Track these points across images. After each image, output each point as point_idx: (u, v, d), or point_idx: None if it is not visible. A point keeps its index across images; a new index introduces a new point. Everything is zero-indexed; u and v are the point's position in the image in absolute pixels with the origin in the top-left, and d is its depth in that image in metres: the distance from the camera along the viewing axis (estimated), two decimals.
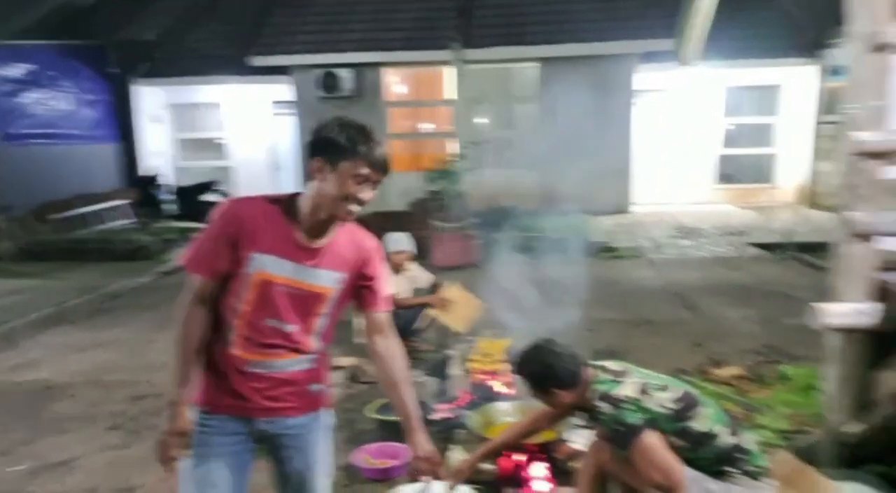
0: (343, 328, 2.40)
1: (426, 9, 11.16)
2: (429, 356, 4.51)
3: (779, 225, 8.70)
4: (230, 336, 1.70)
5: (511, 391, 3.63)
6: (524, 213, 8.94)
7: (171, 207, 11.38)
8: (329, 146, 1.61)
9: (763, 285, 6.60)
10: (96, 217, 10.03)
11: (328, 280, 1.73)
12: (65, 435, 3.65)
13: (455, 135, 10.99)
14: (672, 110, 11.82)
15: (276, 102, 12.00)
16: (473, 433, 3.09)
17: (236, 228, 1.65)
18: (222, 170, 12.44)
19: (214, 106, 12.41)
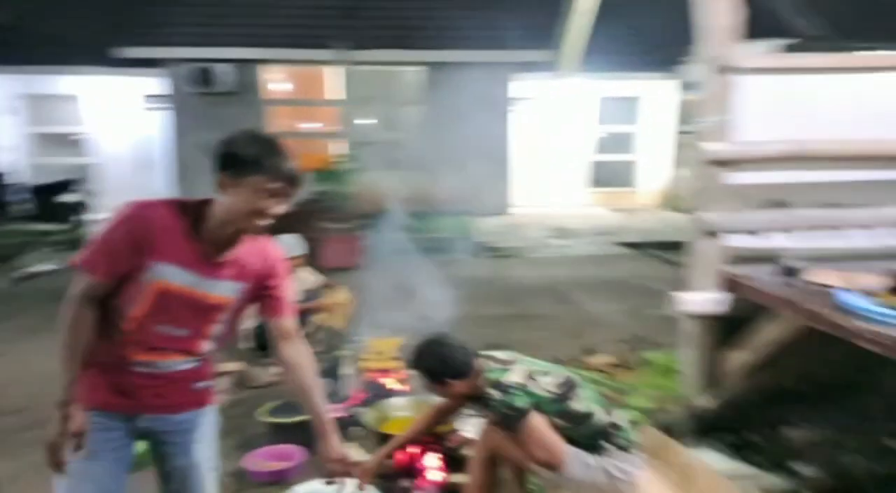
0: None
1: (311, 6, 10.98)
2: (319, 358, 4.49)
3: (643, 226, 9.50)
4: (117, 337, 1.66)
5: (404, 388, 3.72)
6: (410, 214, 9.08)
7: (25, 207, 10.34)
8: (237, 160, 1.58)
9: (629, 280, 7.18)
10: None
11: (227, 290, 1.72)
12: None
13: (342, 135, 10.92)
14: (549, 118, 12.49)
15: (150, 97, 11.28)
16: (369, 430, 3.15)
17: (141, 234, 1.60)
18: (83, 167, 11.48)
19: (74, 98, 11.43)
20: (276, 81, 11.23)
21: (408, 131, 11.38)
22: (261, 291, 1.80)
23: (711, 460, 2.65)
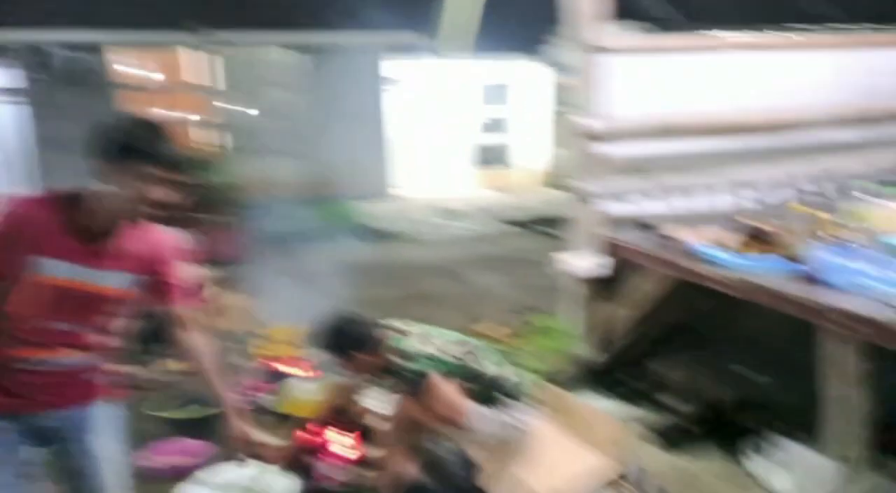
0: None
1: None
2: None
3: (526, 204, 9.95)
4: (4, 336, 1.58)
5: (308, 373, 3.73)
6: (292, 202, 8.91)
7: None
8: (120, 147, 1.52)
9: (516, 255, 7.54)
10: None
11: (117, 281, 1.67)
12: None
13: (215, 123, 10.43)
14: (430, 100, 12.66)
15: None
16: (275, 414, 3.14)
17: (17, 232, 1.52)
18: None
19: None
20: (130, 65, 10.45)
21: (286, 117, 11.07)
22: (154, 279, 1.76)
23: (600, 405, 2.92)
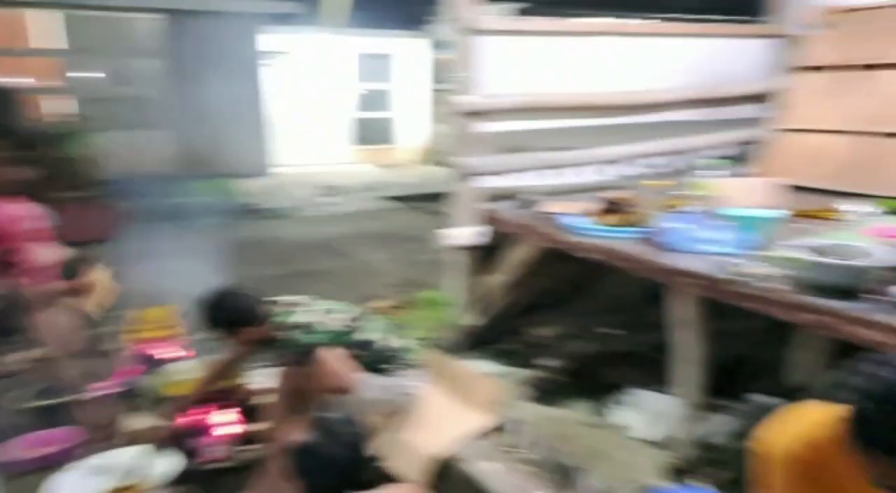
0: None
1: None
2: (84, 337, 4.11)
3: (407, 180, 10.06)
4: None
5: (185, 353, 3.62)
6: (162, 178, 8.43)
7: None
8: None
9: (399, 231, 7.65)
10: None
11: None
12: None
13: (63, 91, 9.52)
14: (309, 74, 12.33)
15: None
16: (153, 397, 3.05)
17: None
18: None
19: None
20: None
21: (145, 86, 10.32)
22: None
23: (480, 366, 3.11)
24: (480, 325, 3.31)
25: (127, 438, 1.96)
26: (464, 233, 3.16)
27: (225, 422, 2.97)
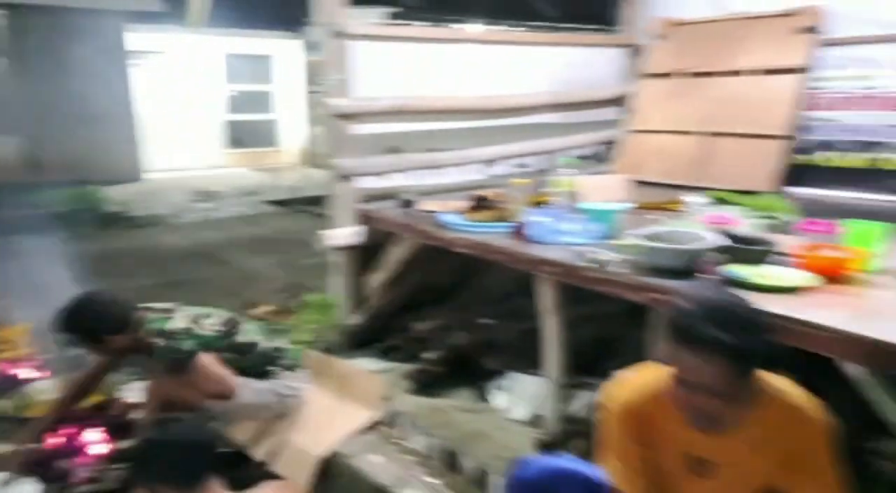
0: None
1: None
2: None
3: (287, 184, 9.86)
4: None
5: (41, 374, 3.39)
6: (16, 186, 7.73)
7: None
8: None
9: (280, 236, 7.50)
10: None
11: None
12: None
13: None
14: (179, 75, 11.74)
15: None
16: (9, 419, 2.83)
17: None
18: None
19: None
20: None
21: None
22: None
23: (363, 364, 3.17)
24: (363, 323, 3.37)
25: None
26: (343, 233, 3.20)
27: (93, 441, 2.83)
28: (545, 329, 2.47)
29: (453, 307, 3.31)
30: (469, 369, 2.99)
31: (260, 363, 2.67)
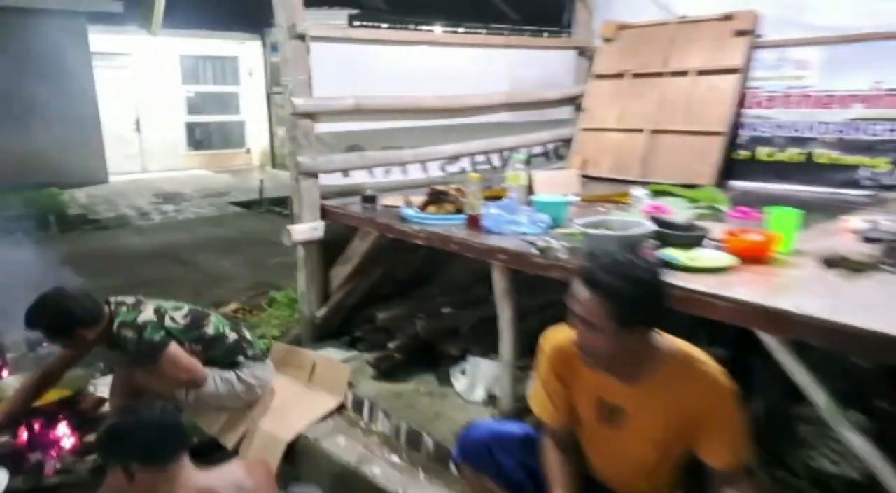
0: None
1: None
2: None
3: (251, 185, 9.86)
4: None
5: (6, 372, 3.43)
6: None
7: None
8: None
9: (247, 236, 7.54)
10: None
11: None
12: None
13: None
14: (143, 77, 11.64)
15: None
16: None
17: None
18: None
19: None
20: None
21: None
22: None
23: (326, 353, 3.29)
24: (329, 316, 3.48)
25: None
26: (307, 228, 3.31)
27: (64, 434, 2.90)
28: (500, 314, 2.62)
29: (416, 298, 3.45)
30: (431, 355, 3.13)
31: (227, 354, 2.77)
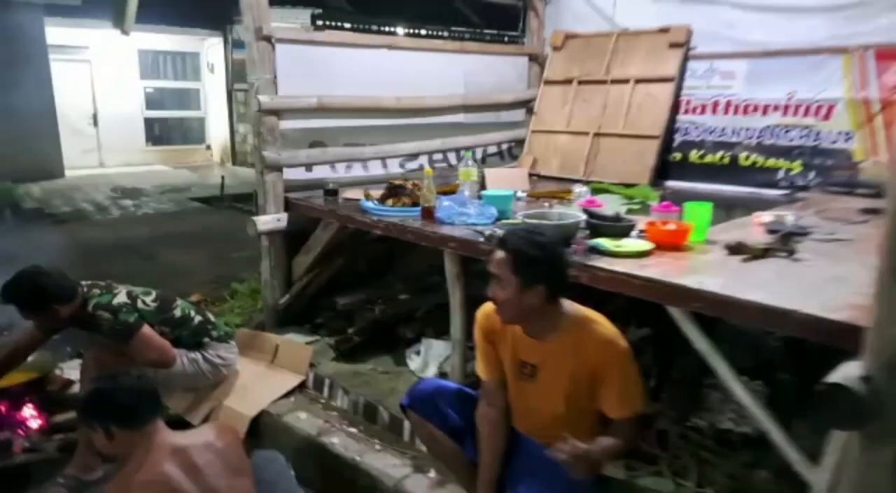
0: None
1: None
2: None
3: (213, 181, 9.89)
4: None
5: None
6: None
7: None
8: None
9: (208, 232, 7.59)
10: None
11: None
12: None
13: None
14: (103, 71, 11.51)
15: None
16: None
17: None
18: None
19: None
20: None
21: None
22: None
23: (289, 337, 3.49)
24: (292, 303, 3.68)
25: None
26: (271, 219, 3.50)
27: (31, 416, 3.00)
28: (451, 297, 2.87)
29: (376, 286, 3.67)
30: (388, 338, 3.36)
31: (193, 335, 2.94)
